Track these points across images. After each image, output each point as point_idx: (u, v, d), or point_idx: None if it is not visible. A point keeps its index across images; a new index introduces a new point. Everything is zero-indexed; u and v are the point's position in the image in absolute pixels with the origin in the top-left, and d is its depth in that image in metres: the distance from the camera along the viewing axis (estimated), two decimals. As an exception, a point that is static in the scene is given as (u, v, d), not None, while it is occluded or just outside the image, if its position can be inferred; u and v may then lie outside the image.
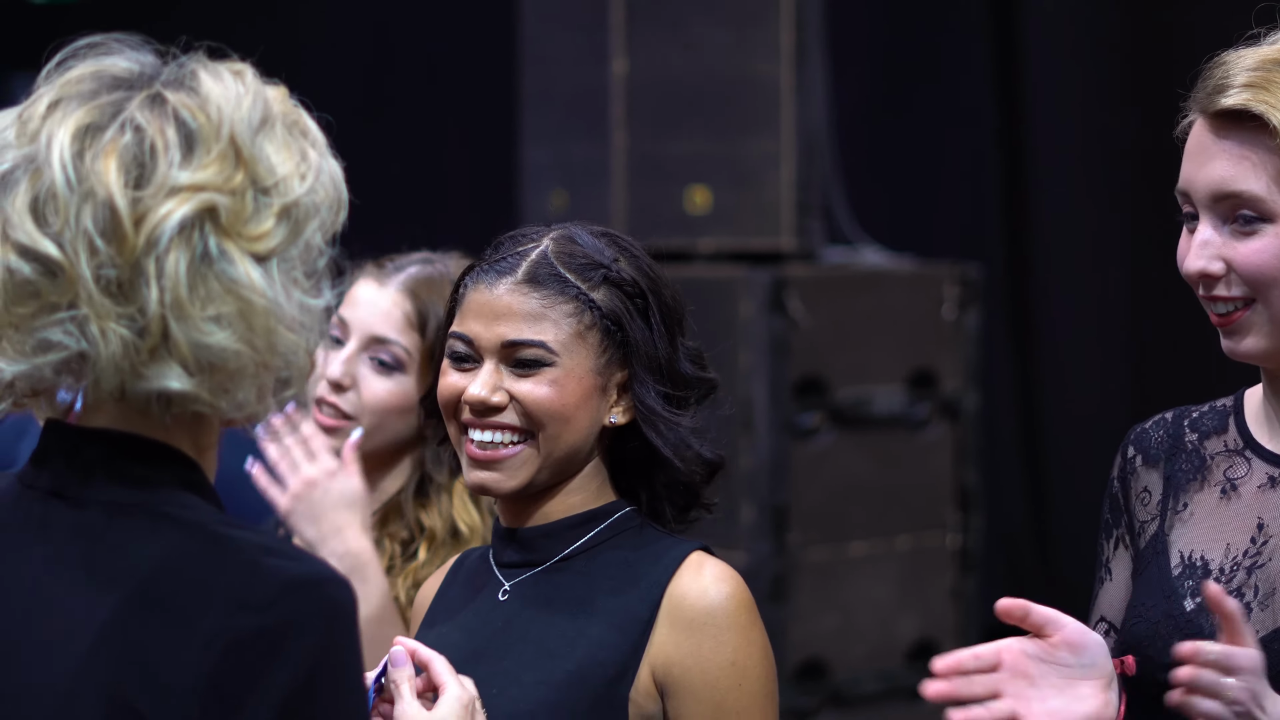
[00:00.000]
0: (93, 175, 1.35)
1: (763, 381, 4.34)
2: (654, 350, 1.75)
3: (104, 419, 1.42)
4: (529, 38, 4.79)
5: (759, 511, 4.34)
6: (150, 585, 1.36)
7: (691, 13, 4.50)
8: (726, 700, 1.69)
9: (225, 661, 1.33)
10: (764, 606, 4.34)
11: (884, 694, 4.52)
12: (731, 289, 4.37)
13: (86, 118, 1.37)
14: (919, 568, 4.58)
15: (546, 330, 1.72)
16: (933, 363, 4.62)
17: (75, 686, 1.36)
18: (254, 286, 1.36)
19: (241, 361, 1.37)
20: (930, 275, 4.65)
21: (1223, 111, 1.68)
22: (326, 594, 1.36)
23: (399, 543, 2.28)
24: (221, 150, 1.37)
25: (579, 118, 4.63)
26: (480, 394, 1.72)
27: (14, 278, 1.36)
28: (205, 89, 1.39)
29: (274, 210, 1.38)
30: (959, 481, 4.65)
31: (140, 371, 1.36)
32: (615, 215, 4.59)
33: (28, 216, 1.36)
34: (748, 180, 4.48)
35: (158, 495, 1.39)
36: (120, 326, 1.35)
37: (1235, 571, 1.72)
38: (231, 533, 1.38)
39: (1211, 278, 1.69)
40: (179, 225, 1.34)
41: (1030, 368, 6.42)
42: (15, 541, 1.43)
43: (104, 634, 1.36)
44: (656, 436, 1.74)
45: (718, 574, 1.72)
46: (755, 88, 4.45)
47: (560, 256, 1.74)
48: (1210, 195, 1.69)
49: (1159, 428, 1.83)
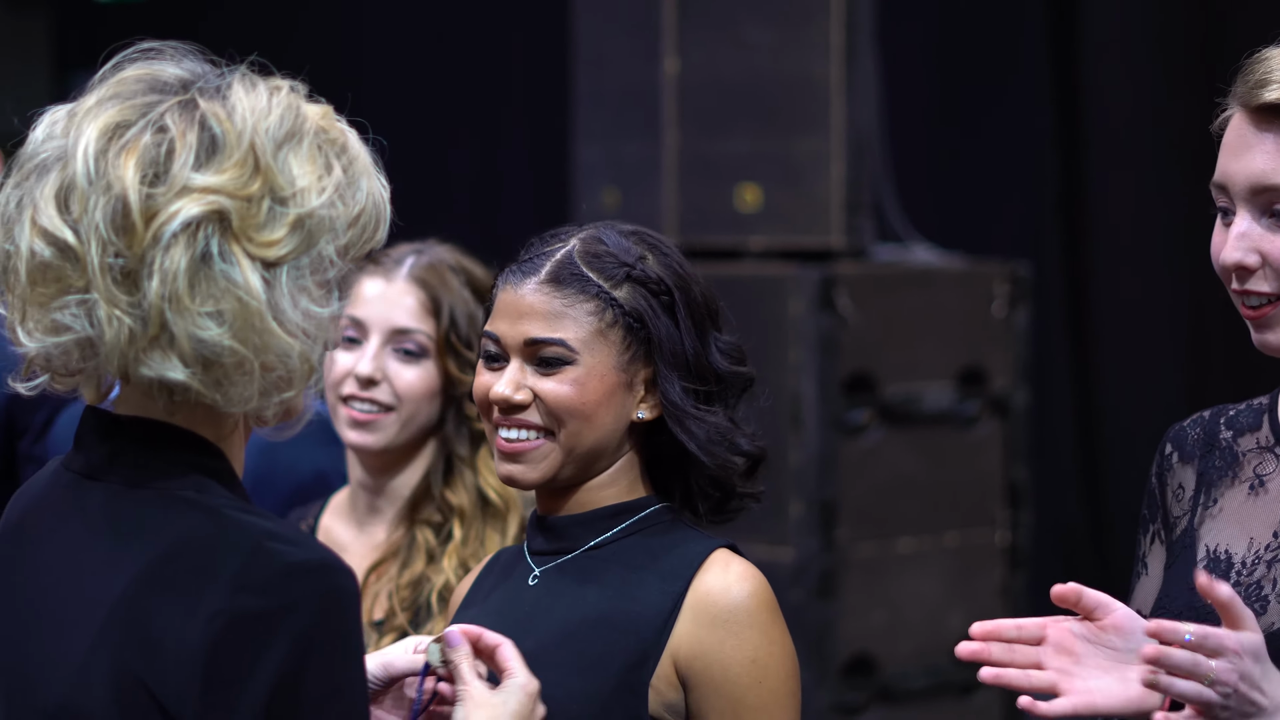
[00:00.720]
0: (112, 171, 1.42)
1: (812, 378, 4.36)
2: (679, 346, 1.77)
3: (133, 406, 1.48)
4: (582, 38, 4.83)
5: (808, 508, 4.36)
6: (161, 564, 1.42)
7: (742, 12, 4.53)
8: (747, 697, 1.71)
9: (225, 640, 1.38)
10: (812, 602, 4.39)
11: (932, 690, 4.53)
12: (781, 287, 4.39)
13: (118, 116, 1.44)
14: (967, 564, 4.59)
15: (567, 328, 1.75)
16: (982, 360, 4.63)
17: (89, 660, 1.42)
18: (250, 289, 1.42)
19: (237, 358, 1.42)
20: (980, 273, 4.66)
21: (1264, 106, 1.69)
22: (327, 579, 1.41)
23: (433, 527, 2.33)
24: (240, 158, 1.43)
25: (631, 117, 4.67)
26: (504, 392, 1.76)
27: (36, 259, 1.44)
28: (235, 99, 1.45)
29: (288, 220, 1.43)
30: (1008, 478, 4.66)
31: (141, 358, 1.42)
32: (666, 213, 4.62)
33: (52, 204, 1.44)
34: (798, 178, 4.50)
35: (174, 479, 1.45)
36: (125, 314, 1.42)
37: (1256, 565, 1.73)
38: (240, 517, 1.43)
39: (1246, 270, 1.70)
40: (184, 223, 1.41)
41: (1086, 365, 6.41)
42: (52, 520, 1.50)
43: (116, 610, 1.42)
44: (682, 432, 1.77)
45: (742, 572, 1.75)
46: (806, 86, 4.48)
47: (584, 256, 1.77)
48: (1249, 188, 1.70)
49: (1196, 426, 1.85)
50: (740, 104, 4.53)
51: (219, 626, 1.39)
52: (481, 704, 1.62)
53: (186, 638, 1.39)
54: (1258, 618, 1.68)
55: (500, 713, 1.61)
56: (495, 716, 1.61)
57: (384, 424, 2.36)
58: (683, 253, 4.15)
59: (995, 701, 4.64)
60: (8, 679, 1.49)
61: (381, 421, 2.35)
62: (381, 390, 2.35)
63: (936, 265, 4.65)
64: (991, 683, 1.57)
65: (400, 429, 2.35)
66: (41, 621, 1.47)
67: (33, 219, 1.44)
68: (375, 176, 1.50)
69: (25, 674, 1.47)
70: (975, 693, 4.60)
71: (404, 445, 2.36)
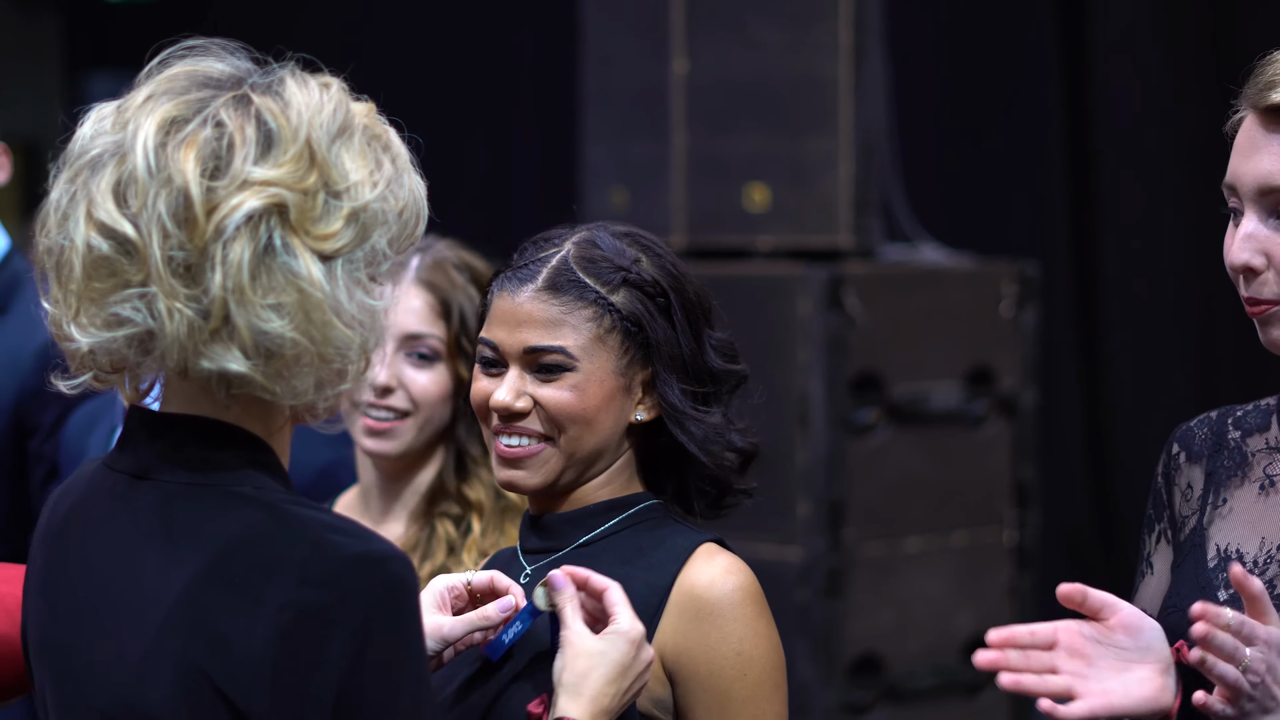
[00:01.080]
0: (172, 164, 1.43)
1: (820, 378, 4.36)
2: (677, 349, 1.78)
3: (182, 404, 1.49)
4: (590, 38, 4.84)
5: (815, 507, 4.37)
6: (222, 560, 1.43)
7: (751, 12, 4.53)
8: (732, 690, 1.71)
9: (290, 633, 1.40)
10: (820, 602, 4.40)
11: (939, 689, 4.54)
12: (789, 286, 4.40)
13: (173, 111, 1.46)
14: (975, 564, 4.59)
15: (566, 335, 1.75)
16: (990, 360, 4.63)
17: (150, 656, 1.43)
18: (313, 280, 1.43)
19: (297, 350, 1.43)
20: (988, 273, 4.67)
21: (1273, 107, 1.69)
22: (387, 570, 1.42)
23: (452, 519, 2.34)
24: (297, 152, 1.44)
25: (639, 117, 4.67)
26: (505, 400, 1.76)
27: (93, 254, 1.44)
28: (289, 95, 1.47)
29: (343, 213, 1.45)
30: (1016, 478, 4.66)
31: (201, 351, 1.43)
32: (675, 213, 4.63)
33: (110, 198, 1.44)
34: (806, 178, 4.50)
35: (231, 475, 1.47)
36: (186, 307, 1.43)
37: (1269, 564, 1.73)
38: (299, 511, 1.45)
39: (1253, 271, 1.71)
40: (246, 216, 1.42)
41: (1094, 365, 6.40)
42: (99, 521, 1.51)
43: (178, 606, 1.43)
44: (682, 433, 1.78)
45: (727, 565, 1.76)
46: (814, 86, 4.48)
47: (580, 261, 1.77)
48: (1257, 189, 1.70)
49: (1203, 425, 1.85)
50: (749, 104, 4.54)
51: (286, 620, 1.40)
52: (582, 653, 1.63)
53: (253, 632, 1.40)
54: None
55: (599, 661, 1.63)
56: (594, 665, 1.62)
57: (401, 430, 2.37)
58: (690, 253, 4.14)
59: (1002, 701, 4.65)
60: (59, 681, 1.50)
61: (399, 428, 2.37)
62: (397, 397, 2.36)
63: (944, 265, 4.66)
64: (1011, 688, 1.58)
65: (417, 434, 2.36)
66: (95, 622, 1.48)
67: (88, 213, 1.45)
68: (414, 173, 1.52)
69: (76, 676, 1.48)
70: (982, 692, 4.61)
71: (420, 448, 2.37)
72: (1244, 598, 1.57)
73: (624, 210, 4.68)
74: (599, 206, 4.73)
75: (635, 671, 1.65)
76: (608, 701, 1.63)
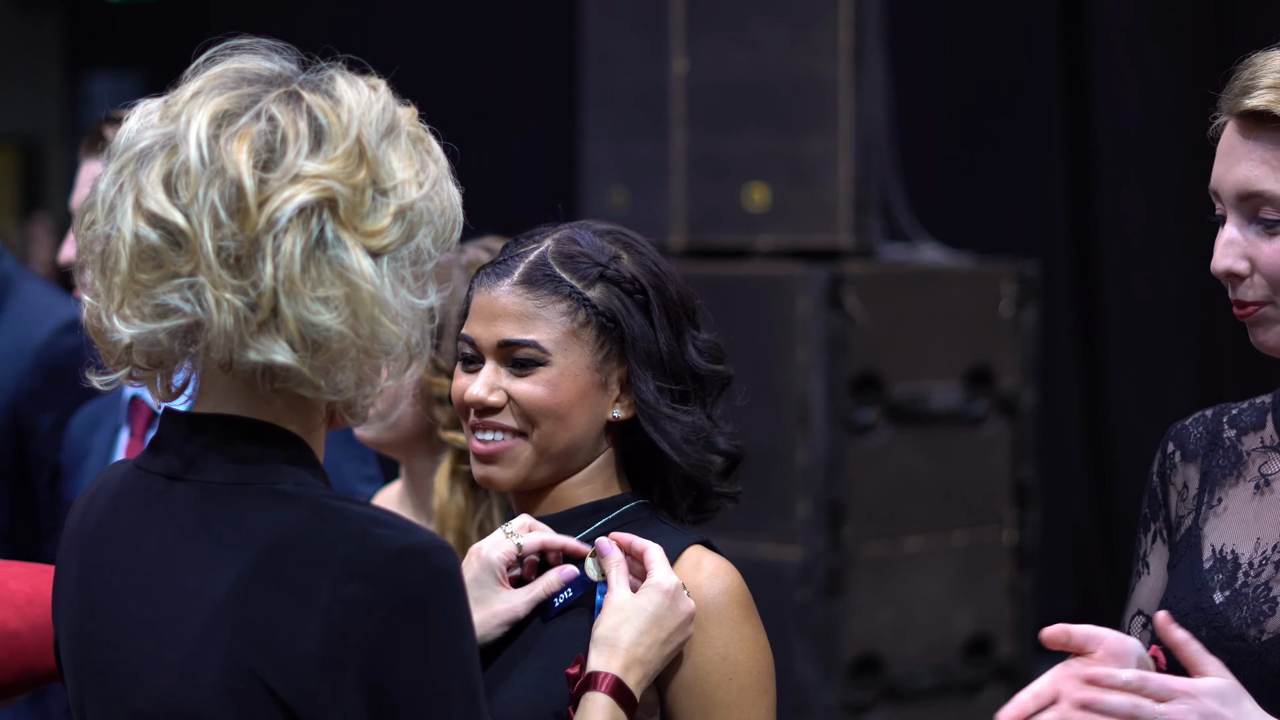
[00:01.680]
0: (225, 155, 1.44)
1: (820, 378, 4.37)
2: (654, 346, 1.77)
3: (217, 403, 1.49)
4: (590, 37, 4.84)
5: (815, 507, 4.37)
6: (268, 557, 1.43)
7: (751, 12, 4.54)
8: (717, 694, 1.71)
9: (340, 628, 1.40)
10: (819, 601, 4.40)
11: (939, 689, 4.54)
12: (789, 286, 4.40)
13: (225, 104, 1.47)
14: (975, 563, 4.59)
15: (540, 329, 1.75)
16: (990, 359, 4.64)
17: (196, 654, 1.44)
18: (364, 274, 1.44)
19: (344, 344, 1.44)
20: (988, 273, 4.67)
21: (1247, 112, 1.70)
22: (433, 561, 1.43)
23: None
24: (347, 148, 1.46)
25: (640, 116, 4.68)
26: (479, 394, 1.76)
27: (141, 244, 1.45)
28: (340, 92, 1.48)
29: (391, 210, 1.46)
30: (1016, 477, 4.67)
31: (248, 342, 1.44)
32: (675, 213, 4.63)
33: (160, 188, 1.45)
34: (806, 178, 4.51)
35: (271, 473, 1.47)
36: (235, 297, 1.43)
37: (1264, 565, 1.73)
38: (343, 506, 1.45)
39: (1237, 276, 1.71)
40: (299, 208, 1.43)
41: (1093, 364, 6.41)
42: (136, 522, 1.51)
43: (224, 605, 1.43)
44: (655, 431, 1.77)
45: (714, 569, 1.74)
46: (814, 86, 4.48)
47: (557, 256, 1.77)
48: (1235, 195, 1.71)
49: (1199, 424, 1.85)
50: (749, 103, 4.54)
51: (335, 615, 1.40)
52: (615, 607, 1.65)
53: (302, 628, 1.41)
54: (1266, 619, 1.70)
55: (632, 613, 1.65)
56: (626, 618, 1.64)
57: None
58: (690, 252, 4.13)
59: (1001, 700, 4.64)
60: (97, 683, 1.50)
61: None
62: None
63: (944, 265, 4.66)
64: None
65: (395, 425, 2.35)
66: (137, 624, 1.48)
67: (137, 203, 1.45)
68: (451, 179, 1.54)
69: (117, 678, 1.48)
70: (982, 691, 4.61)
71: (410, 431, 2.37)
72: (1170, 647, 1.57)
73: (624, 209, 4.69)
74: (599, 206, 4.74)
75: (673, 623, 1.66)
76: (642, 652, 1.64)
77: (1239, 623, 1.70)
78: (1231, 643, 1.70)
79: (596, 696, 1.62)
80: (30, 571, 1.95)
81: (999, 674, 4.63)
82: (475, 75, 7.43)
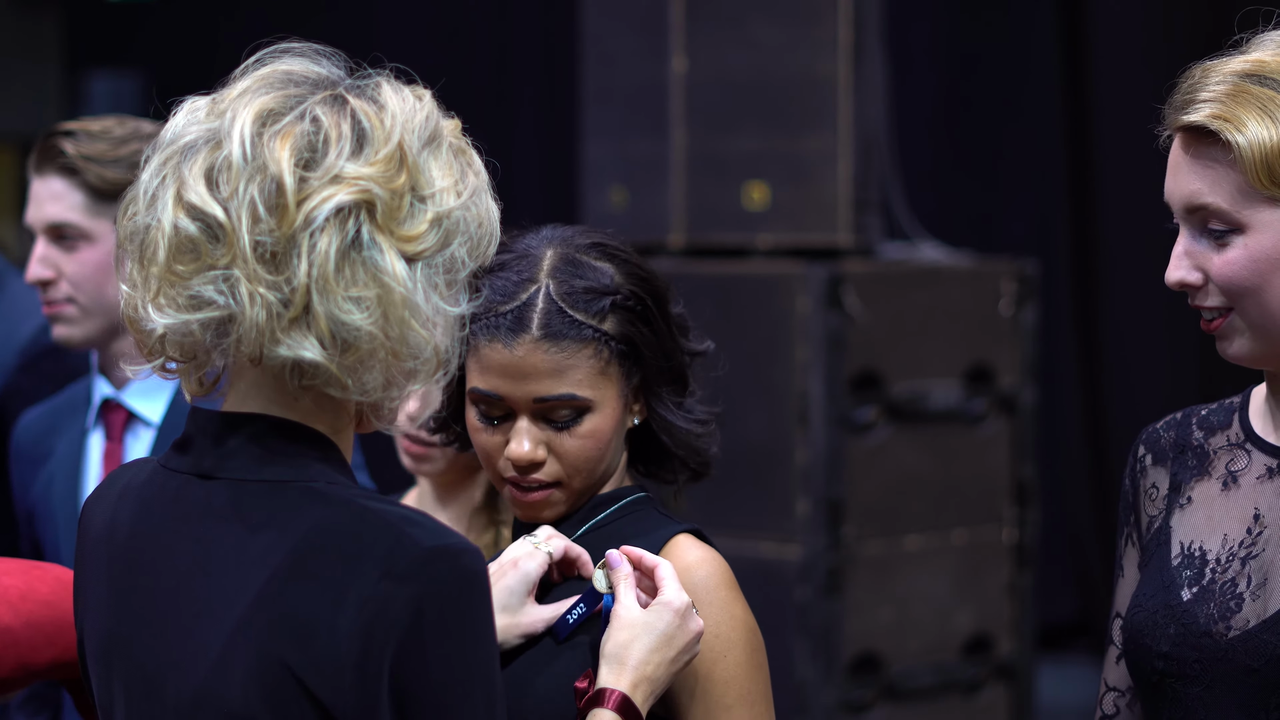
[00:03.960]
0: (267, 153, 1.47)
1: (819, 376, 4.37)
2: (661, 356, 1.80)
3: (247, 401, 1.51)
4: (590, 36, 4.84)
5: (814, 505, 4.37)
6: (302, 554, 1.46)
7: (750, 11, 4.54)
8: (713, 673, 1.73)
9: (373, 624, 1.43)
10: (819, 600, 4.40)
11: (939, 688, 4.54)
12: (789, 284, 4.40)
13: (270, 104, 1.50)
14: (975, 562, 4.60)
15: (573, 380, 1.76)
16: (989, 358, 4.64)
17: (229, 650, 1.46)
18: (396, 276, 1.47)
19: (373, 345, 1.46)
20: (987, 271, 4.67)
21: (1187, 127, 1.71)
22: (464, 563, 1.46)
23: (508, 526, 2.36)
24: (389, 153, 1.48)
25: (639, 115, 4.68)
26: (527, 453, 1.77)
27: (179, 235, 1.48)
28: (384, 99, 1.52)
29: (428, 217, 1.49)
30: (1015, 476, 4.67)
31: (279, 337, 1.46)
32: (674, 211, 4.63)
33: (202, 181, 1.48)
34: (805, 177, 4.51)
35: (303, 471, 1.49)
36: (268, 292, 1.46)
37: (1231, 561, 1.74)
38: (375, 505, 1.48)
39: (1192, 287, 1.73)
40: (336, 208, 1.46)
41: (1093, 363, 6.41)
42: (168, 521, 1.53)
43: (259, 601, 1.46)
44: (668, 439, 1.82)
45: (701, 555, 1.77)
46: (813, 85, 4.49)
47: (565, 297, 1.77)
48: (1183, 208, 1.73)
49: (1169, 428, 1.87)
50: (748, 102, 4.54)
51: (369, 612, 1.43)
52: (626, 624, 1.67)
53: (336, 625, 1.43)
54: (1233, 615, 1.71)
55: (643, 631, 1.66)
56: (636, 635, 1.65)
57: (433, 456, 2.39)
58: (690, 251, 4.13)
59: (1001, 700, 4.65)
60: (130, 680, 1.52)
61: (432, 454, 2.39)
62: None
63: (944, 263, 4.66)
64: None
65: (454, 459, 2.37)
66: (170, 620, 1.50)
67: (178, 195, 1.48)
68: (490, 194, 1.56)
69: (150, 674, 1.50)
70: (981, 690, 4.61)
71: (464, 465, 2.39)
72: None
73: (623, 208, 4.69)
74: (598, 205, 4.74)
75: (681, 642, 1.68)
76: (650, 670, 1.65)
77: (1206, 619, 1.71)
78: (1200, 639, 1.71)
79: (603, 713, 1.64)
80: (22, 568, 1.95)
81: (998, 673, 4.63)
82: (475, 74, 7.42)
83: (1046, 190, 6.47)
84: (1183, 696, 1.72)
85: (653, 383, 1.80)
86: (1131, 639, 1.76)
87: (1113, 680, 1.85)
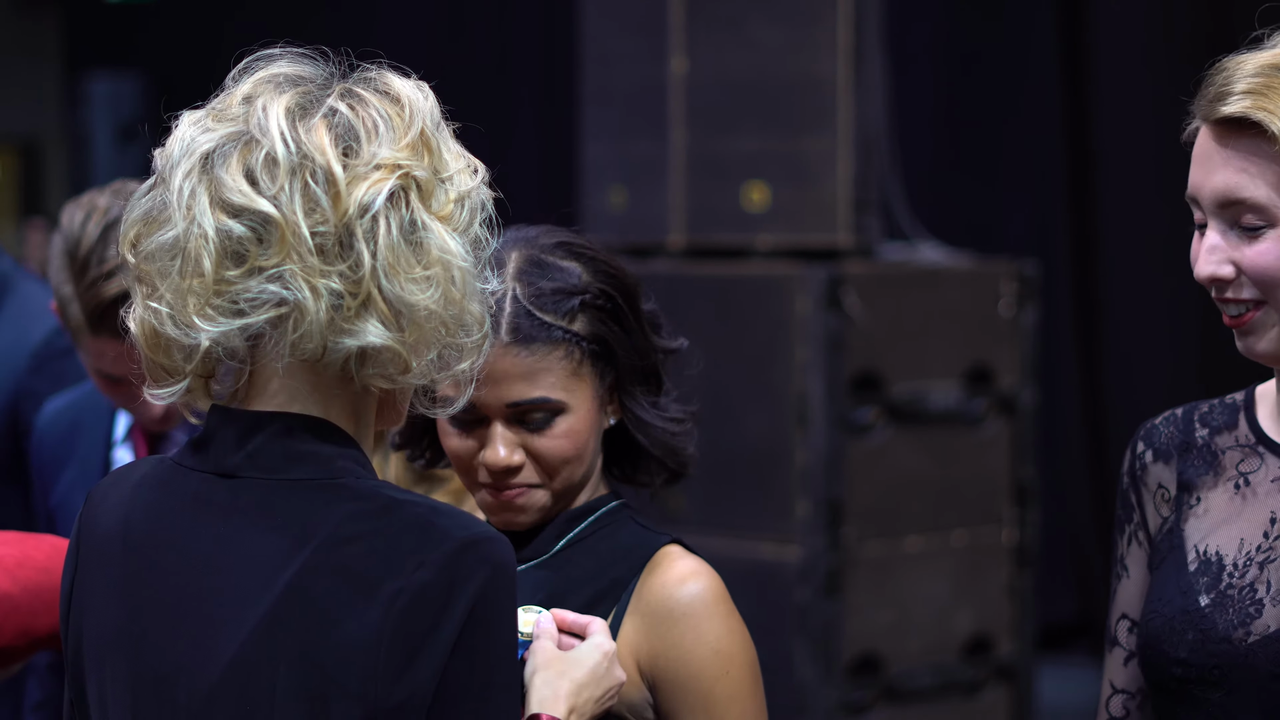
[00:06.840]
0: (310, 144, 1.47)
1: (819, 377, 4.37)
2: (633, 353, 1.78)
3: (268, 402, 1.51)
4: (590, 37, 4.84)
5: (814, 506, 4.37)
6: (330, 549, 1.45)
7: (750, 12, 4.54)
8: (715, 689, 1.72)
9: (404, 617, 1.43)
10: (819, 601, 4.40)
11: (939, 689, 4.54)
12: (788, 285, 4.40)
13: (292, 101, 1.49)
14: (975, 563, 4.59)
15: (546, 383, 1.74)
16: (989, 359, 4.64)
17: (255, 645, 1.46)
18: (454, 251, 1.48)
19: (434, 323, 1.47)
20: (987, 272, 4.67)
21: (1223, 119, 1.69)
22: (491, 551, 1.46)
23: None
24: (413, 139, 1.50)
25: (638, 116, 4.68)
26: (503, 459, 1.75)
27: (223, 238, 1.46)
28: (396, 87, 1.53)
29: (452, 197, 1.50)
30: (1015, 477, 4.67)
31: (344, 327, 1.46)
32: (673, 212, 4.63)
33: (243, 180, 1.47)
34: (805, 177, 4.51)
35: (328, 468, 1.49)
36: (330, 283, 1.45)
37: (1248, 567, 1.72)
38: (401, 497, 1.48)
39: (1222, 281, 1.72)
40: (389, 193, 1.46)
41: (1093, 364, 6.41)
42: (187, 520, 1.52)
43: (287, 597, 1.45)
44: (644, 438, 1.80)
45: (692, 568, 1.75)
46: (813, 86, 4.49)
47: (532, 300, 1.75)
48: (1216, 202, 1.71)
49: (1169, 424, 1.85)
50: (748, 103, 4.54)
51: (400, 605, 1.43)
52: (554, 658, 1.66)
53: (366, 618, 1.43)
54: (1252, 621, 1.69)
55: (569, 665, 1.65)
56: (562, 672, 1.64)
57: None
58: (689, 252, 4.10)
59: (1001, 700, 4.65)
60: (137, 679, 1.51)
61: None
62: None
63: (943, 264, 4.66)
64: None
65: None
66: (190, 619, 1.49)
67: (214, 199, 1.46)
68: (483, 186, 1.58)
69: (160, 675, 1.49)
70: (981, 691, 4.61)
71: None
72: None
73: (623, 209, 4.69)
74: (598, 206, 4.74)
75: (608, 684, 1.66)
76: (581, 703, 1.64)
77: (1225, 625, 1.69)
78: (1218, 645, 1.69)
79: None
80: (16, 538, 1.95)
81: (998, 674, 4.63)
82: (475, 74, 7.43)
83: (1046, 190, 6.47)
84: (1204, 702, 1.70)
85: (627, 382, 1.78)
86: (1148, 645, 1.74)
87: (1120, 682, 1.83)
